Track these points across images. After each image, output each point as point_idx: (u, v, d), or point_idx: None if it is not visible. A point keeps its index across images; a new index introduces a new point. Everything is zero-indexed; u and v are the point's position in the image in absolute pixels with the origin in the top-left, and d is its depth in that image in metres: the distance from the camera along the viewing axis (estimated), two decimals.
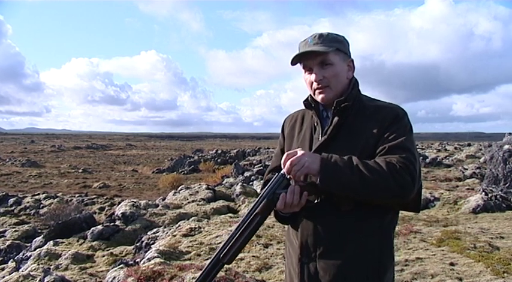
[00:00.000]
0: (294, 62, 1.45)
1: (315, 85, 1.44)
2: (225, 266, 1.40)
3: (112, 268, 4.50)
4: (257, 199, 1.38)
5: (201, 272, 1.38)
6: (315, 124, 1.49)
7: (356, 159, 1.29)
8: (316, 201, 1.39)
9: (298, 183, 1.36)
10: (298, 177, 1.31)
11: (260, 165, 19.86)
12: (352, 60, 1.48)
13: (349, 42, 1.48)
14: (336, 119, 1.41)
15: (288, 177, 1.33)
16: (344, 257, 1.35)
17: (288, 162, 1.30)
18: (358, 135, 1.39)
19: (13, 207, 12.89)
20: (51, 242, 6.80)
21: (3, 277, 4.78)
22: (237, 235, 1.36)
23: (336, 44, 1.42)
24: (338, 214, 1.36)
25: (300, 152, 1.31)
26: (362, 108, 1.43)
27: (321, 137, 1.44)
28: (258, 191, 10.89)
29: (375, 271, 1.36)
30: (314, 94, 1.47)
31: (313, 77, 1.43)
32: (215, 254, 1.37)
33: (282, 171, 1.36)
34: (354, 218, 1.35)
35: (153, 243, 5.76)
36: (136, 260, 4.76)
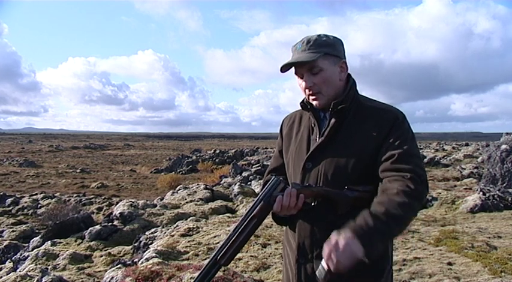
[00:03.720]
0: (283, 70, 1.44)
1: (307, 91, 1.44)
2: (223, 266, 1.41)
3: (110, 268, 4.49)
4: (254, 202, 1.38)
5: (198, 273, 1.38)
6: (312, 125, 1.49)
7: (379, 207, 1.24)
8: (313, 203, 1.39)
9: (295, 186, 1.35)
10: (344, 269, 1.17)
11: (258, 165, 19.85)
12: (345, 62, 1.45)
13: (343, 42, 1.45)
14: (333, 120, 1.41)
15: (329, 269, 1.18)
16: None
17: (334, 259, 1.16)
18: (356, 136, 1.39)
19: (11, 207, 12.87)
20: (49, 242, 6.78)
21: (1, 277, 4.77)
22: (234, 237, 1.36)
23: (325, 49, 1.39)
24: (335, 216, 1.37)
25: (340, 243, 1.17)
26: (360, 109, 1.42)
27: (319, 138, 1.44)
28: (256, 190, 10.89)
29: (371, 272, 1.36)
30: (308, 99, 1.47)
31: (304, 83, 1.43)
32: (212, 255, 1.38)
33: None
34: (350, 220, 1.36)
35: (151, 243, 5.75)
36: (135, 260, 4.75)
